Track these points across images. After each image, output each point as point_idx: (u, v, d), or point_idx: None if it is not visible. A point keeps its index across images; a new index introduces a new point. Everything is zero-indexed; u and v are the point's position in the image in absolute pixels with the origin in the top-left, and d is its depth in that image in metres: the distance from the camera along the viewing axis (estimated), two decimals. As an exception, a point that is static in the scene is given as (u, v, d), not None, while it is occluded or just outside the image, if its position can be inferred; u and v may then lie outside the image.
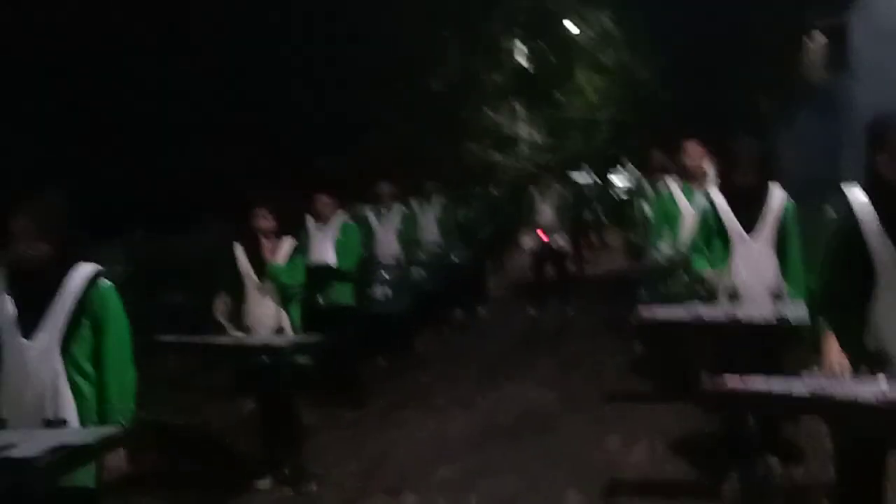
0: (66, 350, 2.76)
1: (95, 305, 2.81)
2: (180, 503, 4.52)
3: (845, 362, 2.60)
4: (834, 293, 2.73)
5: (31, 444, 2.44)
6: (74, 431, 2.70)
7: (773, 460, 4.29)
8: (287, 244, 4.75)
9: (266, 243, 4.68)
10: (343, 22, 9.62)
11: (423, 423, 5.73)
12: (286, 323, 4.69)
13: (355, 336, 6.12)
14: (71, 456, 2.45)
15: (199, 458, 5.18)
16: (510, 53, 14.88)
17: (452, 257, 8.84)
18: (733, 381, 2.63)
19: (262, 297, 4.65)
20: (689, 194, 5.36)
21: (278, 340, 4.54)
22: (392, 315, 7.30)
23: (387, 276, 7.38)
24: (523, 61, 15.46)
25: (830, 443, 3.77)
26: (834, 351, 2.63)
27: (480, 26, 12.50)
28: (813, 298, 2.88)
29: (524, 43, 15.22)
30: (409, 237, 7.83)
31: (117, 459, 2.78)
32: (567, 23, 15.25)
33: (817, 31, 8.16)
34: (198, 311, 5.87)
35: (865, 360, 2.59)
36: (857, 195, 2.69)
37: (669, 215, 5.63)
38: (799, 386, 2.54)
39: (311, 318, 5.13)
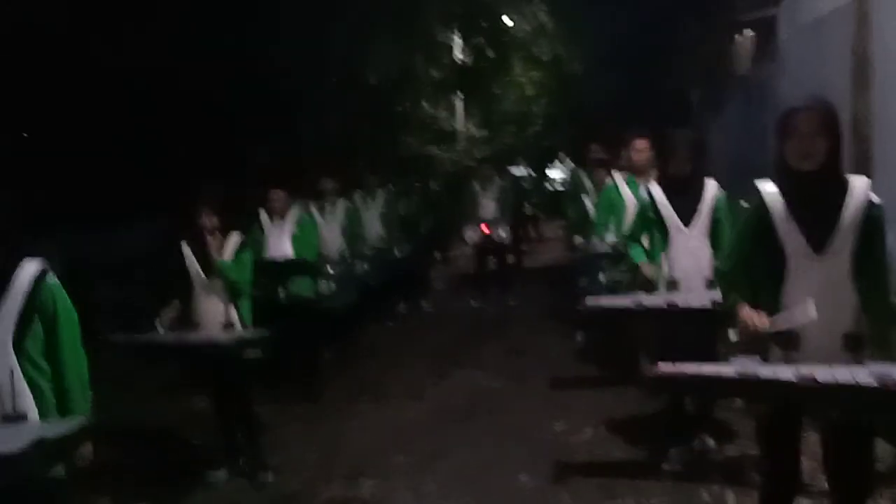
0: (19, 347, 2.76)
1: (45, 302, 2.82)
2: (136, 497, 4.49)
3: (762, 317, 2.74)
4: (745, 275, 2.90)
5: (6, 440, 2.48)
6: (49, 425, 2.73)
7: (708, 438, 4.59)
8: (233, 240, 4.75)
9: (212, 240, 4.68)
10: (279, 16, 9.58)
11: (377, 412, 5.84)
12: (235, 318, 4.70)
13: (306, 329, 6.18)
14: (52, 448, 2.51)
15: (152, 453, 5.13)
16: (447, 48, 14.98)
17: (395, 251, 8.93)
18: (668, 367, 2.77)
19: (210, 294, 4.66)
20: (633, 187, 5.58)
21: (223, 337, 4.53)
22: (338, 309, 7.35)
23: (332, 271, 7.43)
24: (461, 55, 15.58)
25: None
26: (748, 311, 2.78)
27: (417, 21, 12.54)
28: (723, 278, 3.05)
29: (461, 37, 15.33)
30: (353, 232, 7.87)
31: (85, 449, 2.83)
32: (503, 17, 15.44)
33: (746, 25, 8.48)
34: (136, 307, 5.87)
35: (777, 339, 2.77)
36: (767, 186, 2.86)
37: (614, 206, 5.85)
38: (728, 369, 2.70)
39: (271, 311, 5.20)
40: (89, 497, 4.32)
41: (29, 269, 2.81)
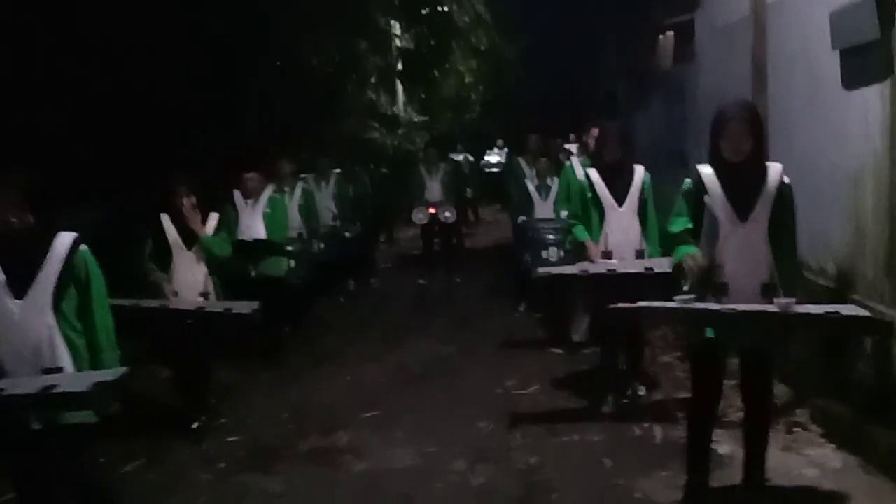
0: (56, 307, 3.17)
1: (79, 268, 3.24)
2: (126, 452, 4.78)
3: (700, 258, 3.53)
4: (690, 236, 3.67)
5: (68, 383, 2.98)
6: (97, 373, 3.17)
7: (639, 386, 5.40)
8: (214, 219, 5.26)
9: (193, 217, 5.12)
10: (228, 5, 9.81)
11: (340, 376, 6.38)
12: (211, 289, 5.19)
13: (272, 303, 6.64)
14: (110, 389, 3.00)
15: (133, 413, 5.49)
16: (389, 35, 15.43)
17: (346, 231, 9.35)
18: (625, 305, 3.69)
19: (190, 265, 5.12)
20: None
21: (215, 306, 4.93)
22: (296, 285, 7.75)
23: (290, 249, 7.84)
24: (402, 42, 16.05)
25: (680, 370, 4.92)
26: (698, 258, 3.55)
27: (361, 9, 12.92)
28: (671, 238, 3.80)
29: (403, 25, 15.79)
30: (309, 213, 8.22)
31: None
32: (443, 6, 15.97)
33: (668, 28, 9.30)
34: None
35: (711, 288, 3.56)
36: (705, 169, 3.64)
37: (571, 186, 6.53)
38: (670, 305, 3.58)
39: (241, 286, 5.72)
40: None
41: (65, 240, 3.23)
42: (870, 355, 4.35)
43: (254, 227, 6.53)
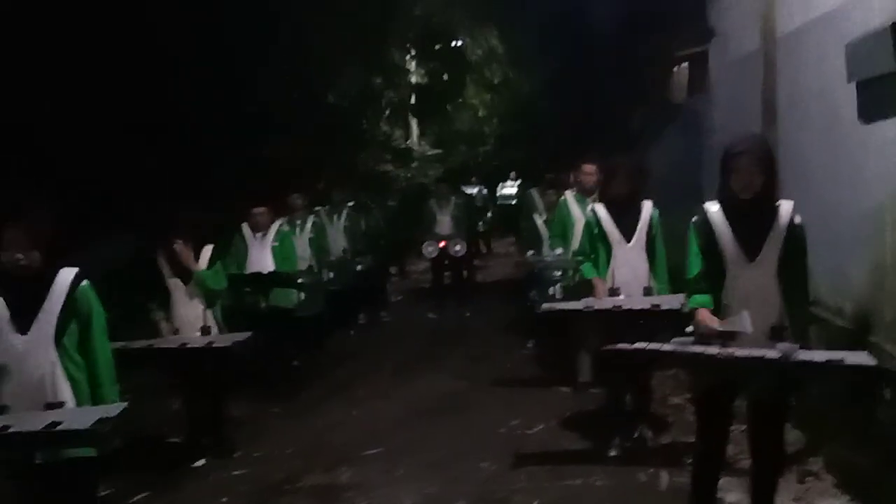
0: (59, 343, 3.20)
1: (81, 304, 3.27)
2: (132, 486, 4.82)
3: (714, 320, 3.39)
4: (703, 281, 3.53)
5: (71, 420, 2.96)
6: (99, 409, 3.14)
7: (646, 429, 5.20)
8: (208, 252, 5.24)
9: (186, 252, 5.13)
10: (245, 37, 9.94)
11: (348, 411, 6.31)
12: (212, 322, 5.17)
13: (282, 336, 6.61)
14: (111, 425, 2.95)
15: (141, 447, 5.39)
16: (404, 70, 15.55)
17: (357, 264, 9.33)
18: (622, 345, 3.54)
19: (189, 301, 5.13)
20: (582, 205, 6.16)
21: (221, 341, 4.92)
22: (307, 317, 7.72)
23: (300, 281, 7.81)
24: (417, 77, 16.17)
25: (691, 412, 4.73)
26: (705, 313, 3.42)
27: (377, 45, 13.06)
28: (688, 284, 3.67)
29: (417, 60, 15.93)
30: (319, 245, 8.26)
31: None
32: (457, 41, 16.10)
33: (682, 59, 9.23)
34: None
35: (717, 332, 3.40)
36: (712, 207, 3.51)
37: (565, 222, 6.45)
38: (667, 346, 3.41)
39: (251, 319, 5.74)
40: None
41: (67, 275, 3.27)
42: (889, 401, 4.16)
43: (263, 260, 6.55)
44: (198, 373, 5.16)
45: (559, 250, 6.45)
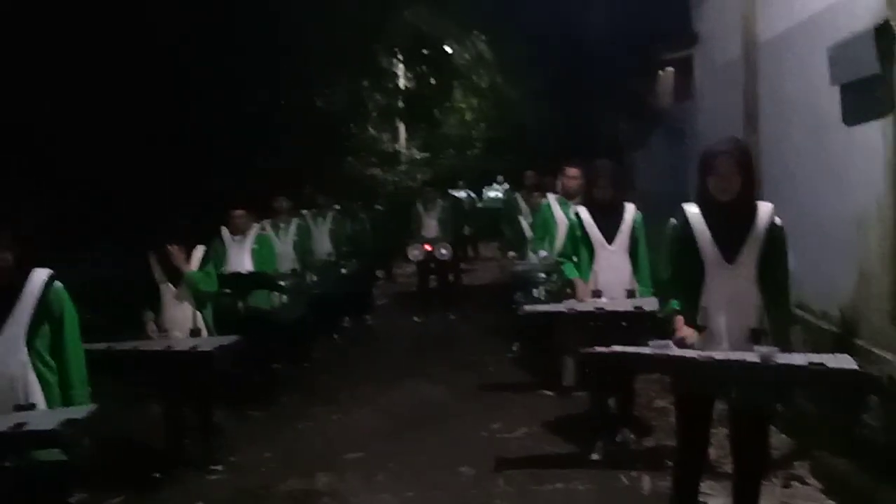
0: (30, 344, 3.17)
1: (53, 305, 3.24)
2: (108, 491, 4.75)
3: (692, 332, 3.36)
4: (677, 282, 3.50)
5: (37, 421, 2.90)
6: (68, 410, 3.11)
7: (629, 433, 5.16)
8: (199, 253, 5.18)
9: (178, 253, 5.08)
10: (235, 42, 9.89)
11: (329, 417, 6.23)
12: (202, 324, 5.11)
13: (262, 339, 6.52)
14: (78, 427, 2.91)
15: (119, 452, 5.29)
16: (392, 74, 15.50)
17: (342, 268, 9.28)
18: (600, 349, 3.47)
19: (179, 303, 5.07)
20: (565, 208, 6.15)
21: (206, 345, 4.79)
22: (289, 321, 7.65)
23: (283, 284, 7.74)
24: (405, 81, 16.14)
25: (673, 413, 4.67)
26: (682, 325, 3.39)
27: (365, 49, 13.01)
28: (662, 287, 3.64)
29: (405, 64, 15.90)
30: (304, 248, 8.21)
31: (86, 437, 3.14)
32: (445, 46, 16.08)
33: (667, 64, 9.22)
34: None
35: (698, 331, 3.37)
36: (691, 208, 3.48)
37: (548, 225, 6.42)
38: (645, 350, 3.36)
39: (231, 321, 5.61)
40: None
41: (39, 277, 3.23)
42: (875, 406, 4.13)
43: (241, 263, 6.51)
44: (182, 376, 5.05)
45: (543, 253, 6.42)
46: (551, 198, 6.52)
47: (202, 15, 8.98)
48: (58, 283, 3.27)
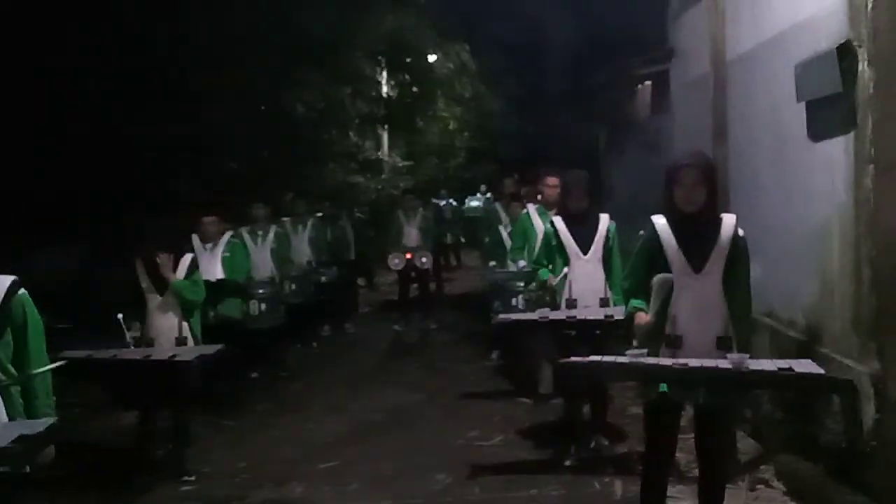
0: None
1: (16, 312, 3.07)
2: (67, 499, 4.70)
3: (647, 317, 3.47)
4: (642, 290, 3.61)
5: None
6: (23, 423, 2.98)
7: (602, 438, 5.27)
8: (186, 261, 5.18)
9: (166, 262, 5.07)
10: (213, 46, 9.91)
11: (302, 425, 6.24)
12: (188, 333, 5.11)
13: (235, 348, 6.53)
14: (32, 444, 2.80)
15: (87, 463, 5.24)
16: (374, 82, 15.57)
17: (321, 276, 9.28)
18: (576, 358, 3.59)
19: (164, 311, 5.07)
20: (544, 217, 6.21)
21: (186, 355, 4.81)
22: (266, 329, 7.66)
23: (261, 292, 7.76)
24: (387, 89, 16.22)
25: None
26: (642, 316, 3.50)
27: (346, 56, 13.08)
28: (625, 293, 3.74)
29: (388, 72, 15.98)
30: (281, 256, 8.18)
31: (48, 450, 3.05)
32: (428, 55, 16.18)
33: (645, 78, 9.40)
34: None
35: (665, 341, 3.48)
36: (659, 220, 3.58)
37: (527, 234, 6.52)
38: (622, 359, 3.45)
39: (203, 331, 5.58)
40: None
41: (2, 283, 3.06)
42: (837, 411, 4.25)
43: (212, 271, 6.43)
44: (163, 385, 4.98)
45: (522, 262, 6.51)
46: (531, 207, 6.62)
47: (170, 18, 9.02)
48: (22, 290, 3.10)
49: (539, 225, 6.36)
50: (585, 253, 5.12)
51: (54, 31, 7.92)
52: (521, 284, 6.69)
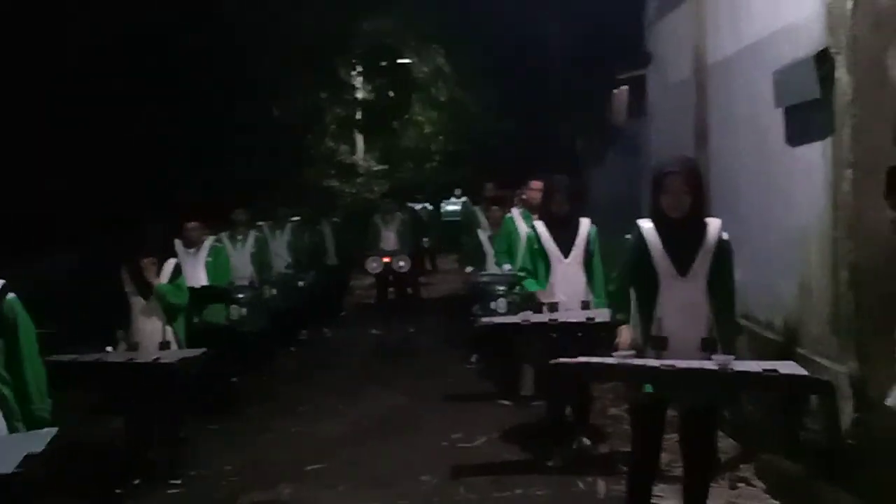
0: None
1: (6, 316, 3.08)
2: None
3: (628, 335, 3.56)
4: (628, 295, 3.68)
5: None
6: (27, 438, 2.97)
7: (585, 439, 5.33)
8: (170, 266, 5.18)
9: (150, 266, 5.07)
10: (192, 51, 9.88)
11: (289, 429, 6.25)
12: (172, 338, 5.11)
13: (220, 352, 6.51)
14: (38, 464, 2.80)
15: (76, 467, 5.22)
16: (351, 86, 15.59)
17: (300, 280, 9.27)
18: (565, 360, 3.63)
19: (149, 316, 5.07)
20: (528, 221, 6.25)
21: (169, 357, 4.83)
22: (247, 333, 7.64)
23: (241, 297, 7.73)
24: (363, 93, 16.24)
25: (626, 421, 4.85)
26: (626, 334, 3.57)
27: (323, 61, 13.09)
28: (613, 298, 3.82)
29: (364, 77, 16.00)
30: (261, 261, 8.20)
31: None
32: (404, 59, 16.24)
33: (622, 83, 9.50)
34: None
35: (651, 343, 3.55)
36: (645, 224, 3.66)
37: (511, 238, 6.58)
38: (609, 360, 3.53)
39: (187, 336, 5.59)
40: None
41: None
42: (817, 411, 4.35)
43: (195, 276, 6.41)
44: (152, 389, 4.98)
45: (508, 266, 6.57)
46: (515, 212, 6.68)
47: (151, 23, 8.98)
48: (11, 295, 3.11)
49: (523, 228, 6.41)
50: (567, 256, 5.19)
51: (43, 34, 7.85)
52: (503, 288, 6.74)
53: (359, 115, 15.64)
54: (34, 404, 3.15)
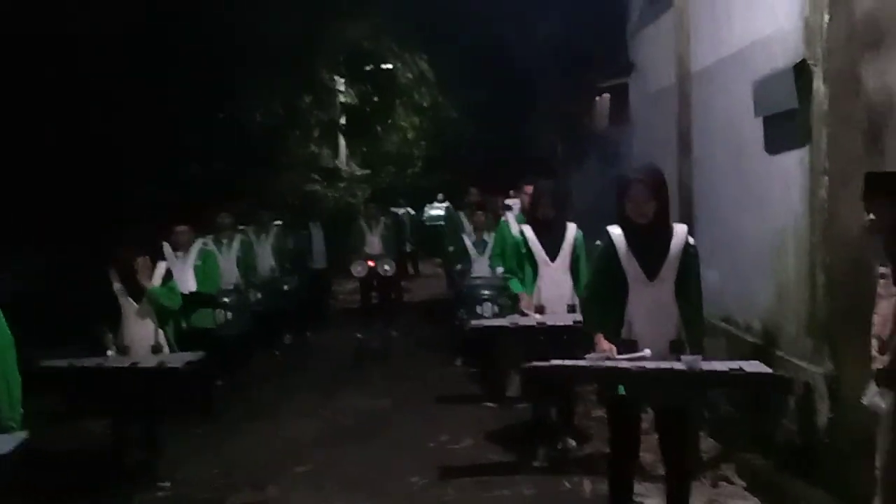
0: None
1: None
2: None
3: (612, 347, 3.63)
4: (599, 299, 3.79)
5: None
6: None
7: (570, 440, 5.44)
8: (161, 269, 5.19)
9: (144, 268, 5.05)
10: (177, 56, 9.89)
11: (274, 430, 6.29)
12: (163, 341, 5.12)
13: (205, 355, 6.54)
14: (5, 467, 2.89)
15: (61, 472, 5.26)
16: (333, 91, 15.62)
17: (284, 284, 9.28)
18: (539, 363, 3.73)
19: (140, 319, 5.06)
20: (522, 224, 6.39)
21: (174, 361, 4.84)
22: (232, 337, 7.64)
23: (227, 301, 7.75)
24: (346, 98, 16.27)
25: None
26: (603, 341, 3.67)
27: (306, 65, 13.12)
28: (584, 304, 3.92)
29: (347, 81, 16.04)
30: (246, 264, 8.22)
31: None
32: (387, 64, 16.30)
33: (604, 90, 9.64)
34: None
35: (621, 346, 3.65)
36: (615, 230, 3.77)
37: (506, 241, 6.65)
38: (583, 363, 3.63)
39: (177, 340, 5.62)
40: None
41: None
42: (793, 410, 4.49)
43: (184, 280, 6.37)
44: (145, 393, 5.05)
45: (500, 269, 6.65)
46: (509, 215, 6.79)
47: (132, 28, 8.99)
48: None
49: (517, 231, 6.51)
50: (553, 260, 5.29)
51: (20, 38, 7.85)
52: (488, 293, 6.83)
53: (342, 120, 15.67)
54: (4, 413, 3.16)
